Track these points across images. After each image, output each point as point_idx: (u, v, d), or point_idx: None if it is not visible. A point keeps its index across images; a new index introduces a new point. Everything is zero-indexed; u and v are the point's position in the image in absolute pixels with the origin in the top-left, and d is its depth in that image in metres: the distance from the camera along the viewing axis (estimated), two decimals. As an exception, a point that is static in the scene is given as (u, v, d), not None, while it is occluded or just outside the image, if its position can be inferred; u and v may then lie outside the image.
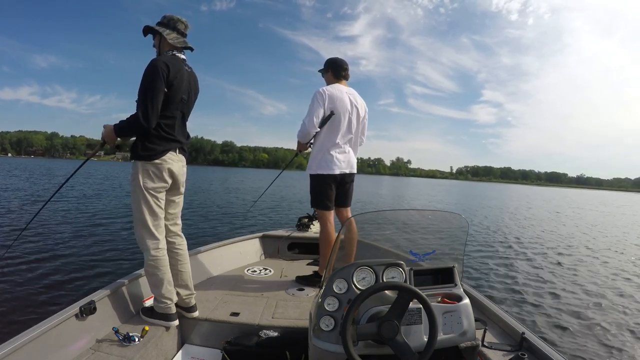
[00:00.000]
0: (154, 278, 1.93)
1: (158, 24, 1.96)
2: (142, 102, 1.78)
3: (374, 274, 1.41)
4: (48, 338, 1.53)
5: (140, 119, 1.76)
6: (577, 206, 26.94)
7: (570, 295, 5.08)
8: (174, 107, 1.91)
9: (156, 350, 1.79)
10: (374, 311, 1.34)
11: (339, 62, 2.78)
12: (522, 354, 1.46)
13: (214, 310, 2.17)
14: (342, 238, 1.83)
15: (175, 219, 2.10)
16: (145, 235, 1.89)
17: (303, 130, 2.64)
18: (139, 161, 1.86)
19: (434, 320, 1.25)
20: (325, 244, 2.67)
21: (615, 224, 16.29)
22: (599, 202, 38.77)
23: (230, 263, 3.11)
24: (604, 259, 7.80)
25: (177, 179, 2.01)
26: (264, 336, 1.90)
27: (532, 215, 18.16)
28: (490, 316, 1.91)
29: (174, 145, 1.94)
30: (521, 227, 12.66)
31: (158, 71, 1.79)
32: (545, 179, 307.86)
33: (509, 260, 7.11)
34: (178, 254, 2.08)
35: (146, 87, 1.78)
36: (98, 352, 1.64)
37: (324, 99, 2.59)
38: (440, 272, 1.54)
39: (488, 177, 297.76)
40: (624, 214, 22.62)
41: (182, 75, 1.92)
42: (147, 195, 1.87)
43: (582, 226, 14.29)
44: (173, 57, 1.93)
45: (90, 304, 1.77)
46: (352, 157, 2.80)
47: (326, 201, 2.67)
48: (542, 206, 25.87)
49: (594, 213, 21.78)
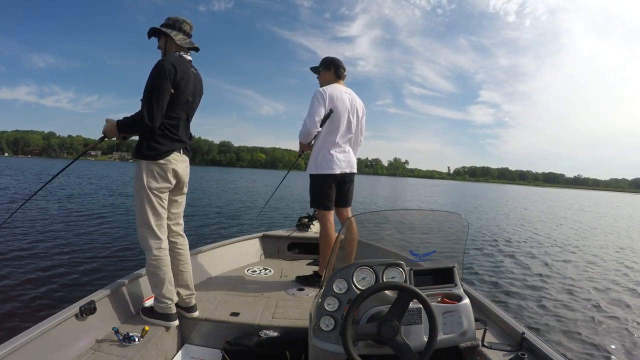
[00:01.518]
0: (155, 278, 1.93)
1: (163, 25, 1.97)
2: (148, 102, 1.78)
3: (374, 274, 1.41)
4: (48, 338, 1.53)
5: (145, 118, 1.76)
6: (579, 207, 27.00)
7: (571, 295, 5.09)
8: (179, 108, 1.91)
9: (156, 350, 1.79)
10: (374, 311, 1.34)
11: (337, 61, 2.77)
12: (522, 354, 1.47)
13: (214, 310, 2.17)
14: (342, 238, 1.84)
15: (177, 219, 2.11)
16: (148, 235, 1.89)
17: (304, 130, 2.62)
18: (144, 161, 1.86)
19: (434, 320, 1.26)
20: (325, 244, 2.67)
21: (614, 224, 16.34)
22: (596, 203, 38.93)
23: (230, 263, 3.11)
24: (604, 259, 7.82)
25: (181, 180, 2.01)
26: (264, 336, 1.90)
27: (531, 215, 18.19)
28: (490, 316, 1.92)
29: (179, 146, 1.95)
30: (521, 227, 12.68)
31: (165, 72, 1.80)
32: (542, 180, 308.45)
33: (509, 260, 7.12)
34: (179, 254, 2.08)
35: (153, 87, 1.79)
36: (98, 352, 1.64)
37: (324, 98, 2.59)
38: (440, 272, 1.54)
39: (485, 177, 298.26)
40: (622, 216, 22.72)
41: (189, 77, 1.93)
42: (150, 195, 1.87)
43: (582, 226, 14.32)
44: (180, 58, 1.93)
45: (90, 304, 1.76)
46: (352, 157, 2.80)
47: (326, 201, 2.67)
48: (542, 206, 25.94)
49: (590, 214, 21.84)
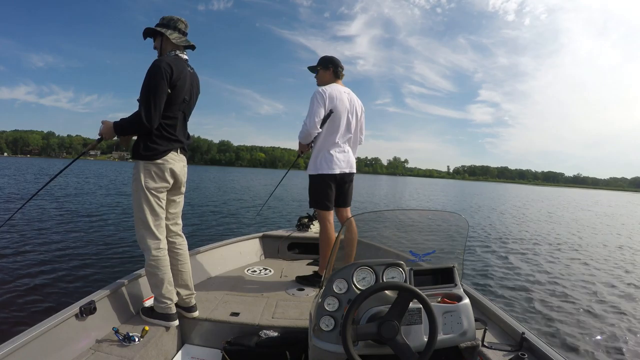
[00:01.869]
0: (154, 278, 1.93)
1: (158, 25, 1.96)
2: (145, 102, 1.78)
3: (374, 274, 1.41)
4: (48, 338, 1.53)
5: (143, 119, 1.76)
6: (580, 208, 27.00)
7: (571, 295, 5.09)
8: (176, 107, 1.91)
9: (156, 350, 1.79)
10: (374, 311, 1.34)
11: (336, 60, 2.77)
12: (522, 354, 1.47)
13: (214, 310, 2.17)
14: (342, 238, 1.84)
15: (176, 219, 2.10)
16: (146, 235, 1.89)
17: (304, 131, 2.62)
18: (141, 161, 1.86)
19: (434, 320, 1.26)
20: (325, 244, 2.67)
21: (613, 224, 16.35)
22: (593, 202, 38.98)
23: (230, 263, 3.11)
24: (603, 259, 7.83)
25: (179, 179, 2.01)
26: (264, 336, 1.90)
27: (532, 214, 18.20)
28: (490, 316, 1.92)
29: (176, 146, 1.95)
30: (521, 227, 12.69)
31: (162, 72, 1.79)
32: (542, 179, 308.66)
33: (509, 260, 7.13)
34: (178, 253, 2.08)
35: (149, 87, 1.78)
36: (98, 352, 1.64)
37: (324, 99, 2.58)
38: (440, 272, 1.54)
39: (485, 176, 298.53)
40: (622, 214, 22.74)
41: (185, 76, 1.93)
42: (148, 195, 1.87)
43: (581, 227, 14.34)
44: (176, 57, 1.93)
45: (90, 304, 1.76)
46: (352, 157, 2.80)
47: (326, 201, 2.67)
48: (541, 205, 25.94)
49: (590, 213, 21.87)
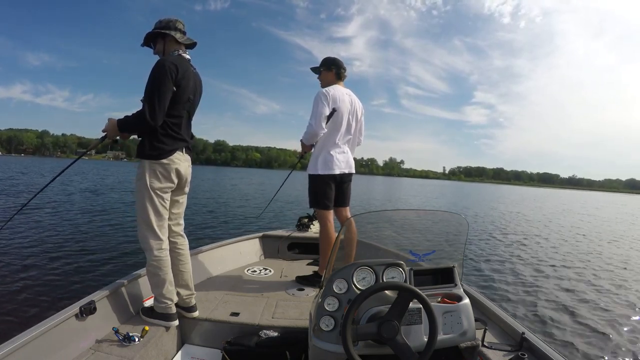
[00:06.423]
0: (155, 278, 1.92)
1: (159, 28, 1.96)
2: (150, 101, 1.77)
3: (374, 274, 1.42)
4: (48, 338, 1.52)
5: (147, 117, 1.76)
6: (579, 207, 27.15)
7: (571, 295, 5.12)
8: (180, 106, 1.91)
9: (156, 350, 1.79)
10: (374, 311, 1.34)
11: (339, 62, 2.78)
12: (522, 354, 1.48)
13: (214, 310, 2.17)
14: (342, 238, 1.84)
15: (178, 219, 2.10)
16: (149, 236, 1.88)
17: (310, 131, 2.62)
18: (146, 160, 1.85)
19: (434, 320, 1.26)
20: (325, 244, 2.68)
21: (612, 224, 16.47)
22: (593, 204, 39.28)
23: (230, 263, 3.11)
24: (603, 259, 7.89)
25: (184, 179, 2.01)
26: (264, 336, 1.91)
27: (531, 215, 18.29)
28: (490, 316, 1.92)
29: (181, 145, 1.95)
30: (521, 227, 12.74)
31: (166, 70, 1.80)
32: (537, 180, 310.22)
33: (509, 260, 7.16)
34: (180, 254, 2.08)
35: (154, 85, 1.78)
36: (98, 352, 1.64)
37: (327, 99, 2.59)
38: (440, 272, 1.54)
39: (481, 177, 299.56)
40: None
41: (189, 75, 1.93)
42: (153, 195, 1.86)
43: (581, 226, 14.43)
44: (180, 57, 1.94)
45: (90, 304, 1.76)
46: (351, 158, 2.82)
47: (326, 201, 2.68)
48: (539, 206, 26.04)
49: (587, 215, 22.03)
